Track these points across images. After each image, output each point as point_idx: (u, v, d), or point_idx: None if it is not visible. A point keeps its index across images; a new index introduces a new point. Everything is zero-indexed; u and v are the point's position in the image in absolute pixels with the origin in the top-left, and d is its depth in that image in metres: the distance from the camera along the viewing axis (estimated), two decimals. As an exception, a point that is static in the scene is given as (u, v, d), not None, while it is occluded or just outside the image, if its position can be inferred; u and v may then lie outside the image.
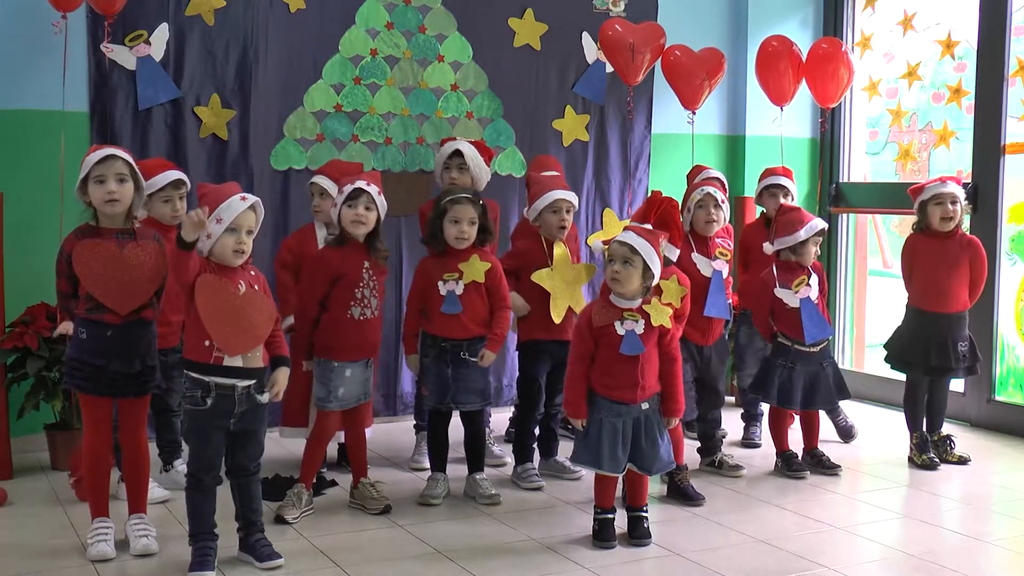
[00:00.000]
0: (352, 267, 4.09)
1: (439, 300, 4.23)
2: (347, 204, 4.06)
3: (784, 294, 4.67)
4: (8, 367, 4.54)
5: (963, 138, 5.98)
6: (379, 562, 3.65)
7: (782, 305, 4.68)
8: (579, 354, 3.83)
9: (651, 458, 3.81)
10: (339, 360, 4.09)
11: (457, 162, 4.73)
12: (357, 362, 4.13)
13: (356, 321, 4.09)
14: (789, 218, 4.73)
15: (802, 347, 4.68)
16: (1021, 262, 5.78)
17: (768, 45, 5.82)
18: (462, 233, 4.21)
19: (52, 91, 4.81)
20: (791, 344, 4.69)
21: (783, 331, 4.71)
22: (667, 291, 4.17)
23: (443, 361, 4.26)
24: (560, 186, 4.60)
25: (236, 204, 3.41)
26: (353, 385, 4.13)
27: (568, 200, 4.54)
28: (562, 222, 4.52)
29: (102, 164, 3.56)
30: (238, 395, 3.45)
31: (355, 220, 4.05)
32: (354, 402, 4.16)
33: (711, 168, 5.12)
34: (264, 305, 3.52)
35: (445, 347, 4.25)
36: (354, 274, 4.09)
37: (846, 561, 3.71)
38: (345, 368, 4.10)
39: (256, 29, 5.26)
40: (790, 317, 4.67)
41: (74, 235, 3.64)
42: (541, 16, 5.92)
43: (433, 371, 4.27)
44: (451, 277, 4.22)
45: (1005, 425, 5.55)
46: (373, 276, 4.12)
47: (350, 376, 4.11)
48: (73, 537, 3.83)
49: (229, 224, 3.39)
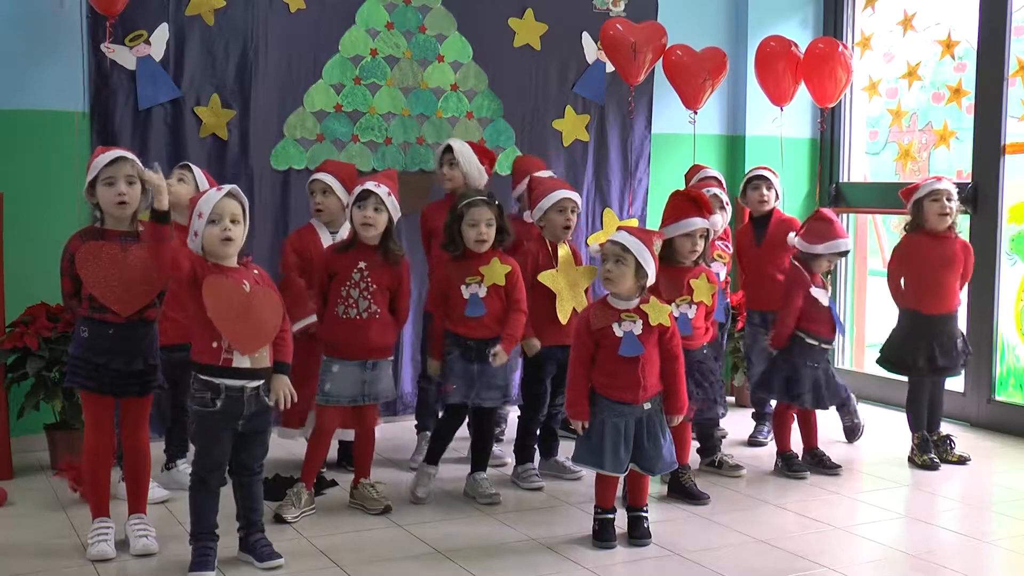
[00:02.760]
0: (344, 266, 4.09)
1: (462, 303, 4.22)
2: (356, 206, 4.08)
3: (819, 293, 4.67)
4: (8, 367, 4.54)
5: (963, 138, 5.98)
6: (379, 562, 3.65)
7: (814, 304, 4.66)
8: (579, 356, 3.83)
9: (654, 458, 3.81)
10: (328, 355, 4.12)
11: (447, 158, 4.75)
12: (348, 361, 4.11)
13: (341, 320, 4.09)
14: (818, 227, 4.69)
15: (827, 346, 4.68)
16: (1021, 262, 5.78)
17: (767, 45, 5.82)
18: (481, 235, 4.21)
19: (52, 91, 4.82)
20: (818, 344, 4.68)
21: (814, 331, 4.68)
22: (698, 289, 4.18)
23: (468, 358, 4.26)
24: (564, 186, 4.60)
25: (212, 195, 3.43)
26: (343, 383, 4.10)
27: (573, 200, 4.53)
28: (567, 222, 4.52)
29: (112, 166, 3.56)
30: (247, 397, 3.46)
31: (364, 223, 4.06)
32: (346, 401, 4.13)
33: (709, 168, 5.13)
34: (271, 299, 3.52)
35: (470, 345, 4.25)
36: (343, 272, 4.09)
37: (846, 561, 3.71)
38: (333, 364, 4.10)
39: (256, 29, 5.26)
40: (823, 316, 4.66)
41: (78, 236, 3.64)
42: (541, 16, 5.92)
43: (459, 367, 4.25)
44: (473, 280, 4.23)
45: (1005, 425, 5.55)
46: (368, 278, 4.10)
47: (338, 373, 4.10)
48: (73, 537, 3.83)
49: (209, 215, 3.40)
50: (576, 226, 4.62)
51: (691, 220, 4.19)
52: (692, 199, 4.25)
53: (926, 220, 4.85)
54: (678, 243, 4.18)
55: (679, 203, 4.25)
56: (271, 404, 3.53)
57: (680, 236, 4.19)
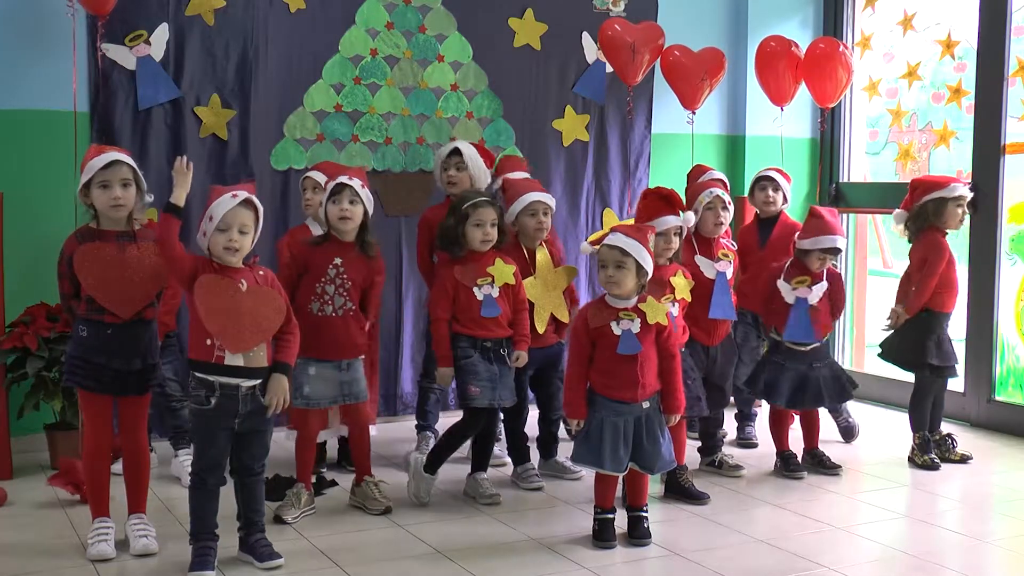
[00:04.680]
0: (319, 261, 4.06)
1: (476, 304, 4.21)
2: (331, 200, 4.05)
3: (783, 287, 4.67)
4: (8, 367, 4.54)
5: (963, 138, 5.98)
6: (379, 562, 3.65)
7: (778, 298, 4.68)
8: (577, 355, 3.83)
9: (653, 457, 3.81)
10: (303, 355, 3.89)
11: (455, 161, 4.73)
12: (323, 361, 4.06)
13: (315, 316, 4.04)
14: (812, 224, 4.69)
15: (792, 345, 4.68)
16: (1021, 262, 5.78)
17: (767, 45, 5.82)
18: (487, 236, 4.21)
19: (52, 91, 4.82)
20: (781, 340, 4.70)
21: (774, 325, 4.72)
22: (677, 287, 4.18)
23: (488, 359, 4.25)
24: (535, 188, 4.58)
25: (226, 201, 3.41)
26: (320, 384, 4.07)
27: (544, 202, 4.52)
28: (540, 224, 4.50)
29: (107, 170, 3.55)
30: (242, 395, 3.45)
31: (341, 216, 4.04)
32: (326, 403, 4.10)
33: (714, 169, 5.12)
34: (271, 297, 3.51)
35: (488, 346, 4.25)
36: (318, 268, 4.06)
37: (846, 561, 3.71)
38: (309, 365, 4.04)
39: (256, 29, 5.26)
40: (781, 312, 4.67)
41: (75, 237, 3.64)
42: (541, 16, 5.92)
43: (482, 368, 4.22)
44: (484, 281, 4.22)
45: (1005, 425, 5.55)
46: (344, 274, 4.07)
47: (315, 375, 4.06)
48: (73, 537, 3.83)
49: (219, 222, 3.39)
50: (552, 227, 4.62)
51: (664, 219, 4.19)
52: (664, 197, 4.25)
53: (946, 221, 4.85)
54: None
55: (651, 202, 4.26)
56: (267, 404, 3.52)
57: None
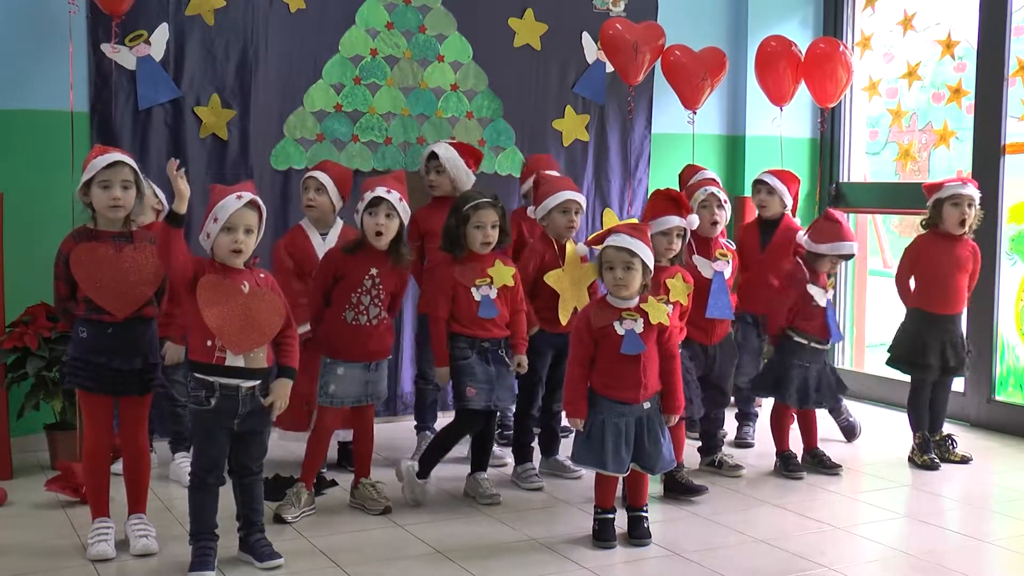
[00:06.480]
0: (355, 271, 4.07)
1: (474, 305, 4.21)
2: (368, 212, 4.05)
3: (816, 292, 4.66)
4: (8, 367, 4.54)
5: (963, 138, 5.98)
6: (379, 562, 3.65)
7: (808, 302, 4.66)
8: (578, 356, 3.83)
9: (654, 457, 3.81)
10: (332, 357, 4.10)
11: (434, 164, 4.76)
12: (353, 363, 4.11)
13: (350, 325, 4.08)
14: (825, 227, 4.69)
15: (819, 345, 4.67)
16: (1021, 262, 5.78)
17: (767, 45, 5.82)
18: (487, 237, 4.21)
19: (52, 91, 4.82)
20: (808, 342, 4.68)
21: (804, 329, 4.68)
22: (674, 289, 4.18)
23: (486, 361, 4.25)
24: (570, 186, 4.60)
25: (231, 202, 3.40)
26: (347, 384, 4.11)
27: (578, 201, 4.53)
28: (571, 223, 4.52)
29: (109, 170, 3.55)
30: (242, 396, 3.45)
31: (376, 231, 4.03)
32: (350, 402, 4.14)
33: (706, 169, 5.12)
34: (272, 301, 3.51)
35: (486, 347, 4.25)
36: (355, 278, 4.07)
37: (846, 561, 3.71)
38: (338, 366, 4.09)
39: (256, 29, 5.26)
40: (816, 315, 4.66)
41: (71, 238, 3.64)
42: (541, 16, 5.92)
43: (479, 370, 4.22)
44: (483, 282, 4.22)
45: (1005, 425, 5.55)
46: (380, 285, 4.09)
47: (343, 375, 4.10)
48: (73, 537, 3.83)
49: (224, 223, 3.39)
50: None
51: (668, 218, 4.20)
52: (672, 198, 4.26)
53: (943, 222, 4.84)
54: (655, 241, 4.16)
55: (659, 202, 4.27)
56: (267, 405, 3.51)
57: (657, 234, 4.18)
